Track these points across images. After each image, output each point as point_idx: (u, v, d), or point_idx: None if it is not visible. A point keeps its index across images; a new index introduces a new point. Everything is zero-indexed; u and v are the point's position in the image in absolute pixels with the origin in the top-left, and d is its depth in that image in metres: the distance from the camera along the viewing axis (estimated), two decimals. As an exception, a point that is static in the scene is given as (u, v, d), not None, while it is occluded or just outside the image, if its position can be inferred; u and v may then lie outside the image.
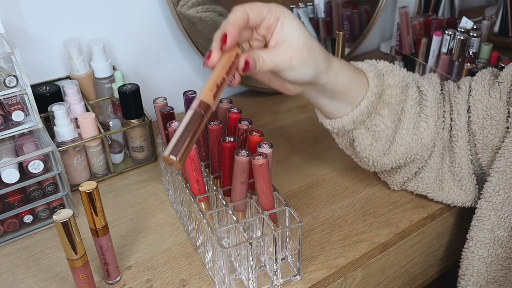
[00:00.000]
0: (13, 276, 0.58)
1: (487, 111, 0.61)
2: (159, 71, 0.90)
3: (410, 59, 0.99)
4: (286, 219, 0.54)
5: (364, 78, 0.58)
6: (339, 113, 0.59)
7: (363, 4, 1.03)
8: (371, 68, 0.59)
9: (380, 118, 0.60)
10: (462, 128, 0.63)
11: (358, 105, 0.58)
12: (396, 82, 0.60)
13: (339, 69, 0.55)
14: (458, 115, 0.63)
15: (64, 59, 0.79)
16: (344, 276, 0.60)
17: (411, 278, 0.72)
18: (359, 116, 0.58)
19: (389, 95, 0.60)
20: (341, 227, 0.65)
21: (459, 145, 0.63)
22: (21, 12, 0.73)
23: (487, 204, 0.61)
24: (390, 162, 0.63)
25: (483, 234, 0.62)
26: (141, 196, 0.71)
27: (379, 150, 0.61)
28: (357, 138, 0.61)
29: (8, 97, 0.61)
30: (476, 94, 0.63)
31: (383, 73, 0.61)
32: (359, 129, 0.60)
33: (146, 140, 0.76)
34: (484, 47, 0.88)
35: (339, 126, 0.60)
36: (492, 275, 0.63)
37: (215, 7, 0.85)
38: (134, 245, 0.63)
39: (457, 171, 0.64)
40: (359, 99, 0.58)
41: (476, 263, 0.63)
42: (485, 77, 0.64)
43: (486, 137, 0.62)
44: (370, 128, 0.60)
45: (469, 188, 0.65)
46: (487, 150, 0.63)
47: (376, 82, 0.58)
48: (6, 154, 0.63)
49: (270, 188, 0.53)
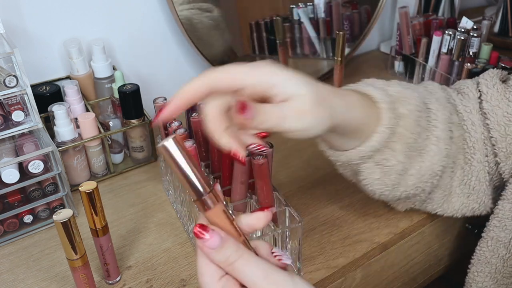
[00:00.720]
0: (13, 276, 0.58)
1: (509, 117, 0.57)
2: (159, 71, 0.90)
3: (410, 59, 0.99)
4: (286, 219, 0.54)
5: (375, 107, 0.51)
6: (345, 146, 0.52)
7: (363, 4, 1.03)
8: (383, 98, 0.51)
9: (392, 153, 0.52)
10: (478, 140, 0.58)
11: (369, 140, 0.51)
12: (410, 111, 0.53)
13: (352, 105, 0.48)
14: (472, 125, 0.58)
15: (64, 59, 0.79)
16: (344, 276, 0.60)
17: (411, 278, 0.72)
18: (368, 151, 0.51)
19: (402, 126, 0.52)
20: (341, 227, 0.65)
21: (476, 157, 0.58)
22: (21, 12, 0.73)
23: (510, 205, 0.58)
24: (399, 194, 0.57)
25: (504, 234, 0.60)
26: (141, 196, 0.71)
27: (388, 185, 0.55)
28: (364, 172, 0.54)
29: (8, 97, 0.61)
30: (492, 99, 0.58)
31: (395, 100, 0.53)
32: (367, 163, 0.53)
33: (146, 140, 0.76)
34: (484, 47, 0.88)
35: (345, 160, 0.53)
36: (508, 270, 0.62)
37: (201, 5, 0.84)
38: (134, 245, 0.63)
39: (474, 184, 0.60)
40: (369, 132, 0.50)
41: (495, 261, 0.61)
42: (495, 81, 0.60)
43: (510, 145, 0.57)
44: (380, 163, 0.53)
45: (484, 200, 0.61)
46: (510, 157, 0.58)
47: (390, 115, 0.51)
48: (6, 154, 0.63)
49: (270, 188, 0.53)
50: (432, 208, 0.63)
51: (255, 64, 0.43)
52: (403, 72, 1.03)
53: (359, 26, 1.05)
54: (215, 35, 0.88)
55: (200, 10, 0.85)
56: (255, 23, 0.93)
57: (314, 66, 1.02)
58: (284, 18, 0.95)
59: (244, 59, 0.95)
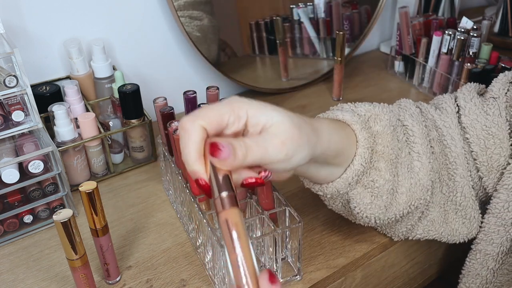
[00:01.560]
0: (13, 276, 0.58)
1: (488, 130, 0.57)
2: (159, 71, 0.90)
3: (410, 59, 0.99)
4: (286, 219, 0.54)
5: (350, 131, 0.51)
6: (331, 177, 0.51)
7: (363, 4, 1.03)
8: (354, 118, 0.51)
9: (377, 173, 0.52)
10: (459, 155, 0.58)
11: (351, 165, 0.50)
12: (385, 128, 0.52)
13: (329, 133, 0.47)
14: (452, 140, 0.58)
15: (64, 59, 0.79)
16: (344, 276, 0.60)
17: (411, 278, 0.72)
18: (354, 176, 0.50)
19: (381, 144, 0.52)
20: (341, 227, 0.65)
21: (459, 173, 0.58)
22: (21, 12, 0.73)
23: (495, 219, 0.59)
24: (393, 215, 0.55)
25: (492, 248, 0.60)
26: (141, 196, 0.71)
27: (381, 207, 0.53)
28: (354, 199, 0.53)
29: (8, 97, 0.61)
30: (470, 113, 0.58)
31: (368, 119, 0.53)
32: (355, 188, 0.52)
33: (146, 140, 0.76)
34: (484, 47, 0.88)
35: (333, 191, 0.52)
36: (499, 279, 0.62)
37: (192, 12, 0.84)
38: (134, 245, 0.63)
39: (460, 200, 0.59)
40: (350, 158, 0.50)
41: (485, 273, 0.61)
42: (473, 94, 0.59)
43: (491, 158, 0.57)
44: (368, 185, 0.52)
45: (474, 216, 0.60)
46: (493, 172, 0.58)
47: (365, 134, 0.51)
48: (6, 154, 0.63)
49: (270, 188, 0.53)
50: (435, 232, 0.60)
51: (227, 100, 0.41)
52: (403, 72, 1.03)
53: (359, 26, 1.05)
54: (215, 35, 0.88)
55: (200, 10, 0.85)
56: (255, 23, 0.93)
57: (314, 66, 1.02)
58: (284, 18, 0.95)
59: (244, 59, 0.95)
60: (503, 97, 0.58)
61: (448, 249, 0.75)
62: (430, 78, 0.96)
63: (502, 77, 0.60)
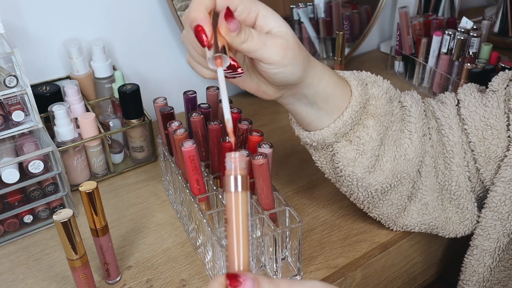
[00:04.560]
0: (13, 276, 0.58)
1: (486, 121, 0.58)
2: (159, 71, 0.90)
3: (410, 59, 0.99)
4: (286, 219, 0.54)
5: (347, 86, 0.53)
6: (319, 124, 0.53)
7: (363, 4, 1.03)
8: (353, 76, 0.54)
9: (365, 130, 0.54)
10: (456, 144, 0.59)
11: (341, 115, 0.52)
12: (381, 93, 0.55)
13: (323, 72, 0.50)
14: (450, 129, 0.59)
15: (64, 59, 0.79)
16: (344, 276, 0.60)
17: (411, 278, 0.72)
18: (342, 127, 0.52)
19: (374, 105, 0.54)
20: (341, 227, 0.65)
21: (455, 162, 0.59)
22: (21, 12, 0.73)
23: (492, 214, 0.59)
24: (376, 182, 0.56)
25: (489, 243, 0.60)
26: (141, 196, 0.71)
27: (364, 166, 0.55)
28: (339, 152, 0.54)
29: (8, 97, 0.61)
30: (470, 105, 0.59)
31: (367, 83, 0.55)
32: (341, 142, 0.54)
33: (146, 140, 0.76)
34: (484, 47, 0.88)
35: (319, 139, 0.54)
36: (496, 277, 0.62)
37: None
38: (134, 245, 0.63)
39: (454, 189, 0.60)
40: (342, 109, 0.52)
41: (481, 270, 0.62)
42: (472, 90, 0.61)
43: (488, 149, 0.58)
44: (353, 141, 0.54)
45: (467, 207, 0.61)
46: (490, 163, 0.59)
47: (360, 91, 0.53)
48: (6, 154, 0.63)
49: (270, 188, 0.53)
50: (431, 220, 0.61)
51: None
52: (403, 72, 1.03)
53: (359, 26, 1.05)
54: (215, 35, 0.88)
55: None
56: (255, 23, 0.92)
57: (314, 66, 1.02)
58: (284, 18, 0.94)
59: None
60: (502, 91, 0.59)
61: (448, 249, 0.75)
62: (430, 78, 0.96)
63: (502, 74, 0.61)
